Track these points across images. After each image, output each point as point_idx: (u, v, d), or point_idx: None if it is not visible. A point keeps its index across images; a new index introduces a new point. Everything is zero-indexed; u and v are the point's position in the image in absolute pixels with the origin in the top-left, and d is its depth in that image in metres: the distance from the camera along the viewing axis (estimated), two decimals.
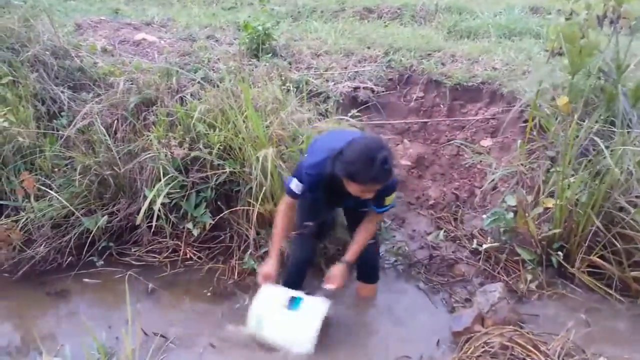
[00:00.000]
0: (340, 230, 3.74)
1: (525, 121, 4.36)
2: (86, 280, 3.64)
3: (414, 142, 4.90)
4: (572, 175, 3.70)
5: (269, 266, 3.16)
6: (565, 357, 2.95)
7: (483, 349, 2.97)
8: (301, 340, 2.98)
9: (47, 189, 3.72)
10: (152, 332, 3.17)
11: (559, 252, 3.66)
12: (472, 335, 3.13)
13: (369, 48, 5.43)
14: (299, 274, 3.36)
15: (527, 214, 3.75)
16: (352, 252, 3.20)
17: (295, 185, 3.03)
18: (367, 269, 3.52)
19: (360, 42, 5.60)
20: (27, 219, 3.63)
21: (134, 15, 6.26)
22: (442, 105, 5.03)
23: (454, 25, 6.56)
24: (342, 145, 2.77)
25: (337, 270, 3.18)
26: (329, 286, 3.15)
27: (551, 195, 3.78)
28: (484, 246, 3.85)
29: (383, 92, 4.93)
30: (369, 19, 6.94)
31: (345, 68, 4.98)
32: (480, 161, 4.63)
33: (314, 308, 3.05)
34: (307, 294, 3.16)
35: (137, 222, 3.62)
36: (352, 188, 2.77)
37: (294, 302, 3.07)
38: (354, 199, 2.89)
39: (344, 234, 3.70)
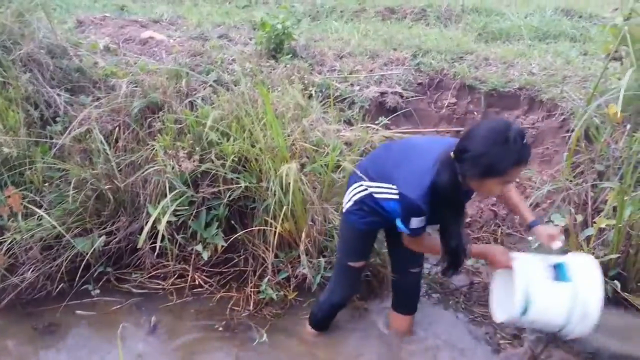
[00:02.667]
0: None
1: (568, 131, 3.94)
2: (79, 312, 3.21)
3: None
4: (630, 193, 3.28)
5: (499, 248, 2.65)
6: None
7: None
8: (591, 312, 2.40)
9: (37, 206, 3.30)
10: None
11: (615, 281, 3.22)
12: None
13: (395, 50, 5.04)
14: (331, 318, 3.03)
15: (578, 237, 3.32)
16: (528, 212, 2.74)
17: (417, 222, 2.45)
18: (406, 297, 3.10)
19: (386, 43, 5.23)
20: (12, 240, 3.19)
21: (141, 12, 5.90)
22: (476, 113, 4.64)
23: (483, 27, 6.21)
24: (437, 155, 2.35)
25: (548, 229, 2.67)
26: (556, 245, 2.60)
27: (598, 212, 3.42)
28: None
29: (412, 97, 4.52)
30: (391, 20, 6.60)
31: (371, 71, 4.58)
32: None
33: (586, 269, 2.49)
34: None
35: (140, 245, 3.18)
36: (490, 187, 2.27)
37: (559, 269, 2.51)
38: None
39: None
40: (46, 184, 3.41)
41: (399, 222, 2.49)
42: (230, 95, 3.58)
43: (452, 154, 2.26)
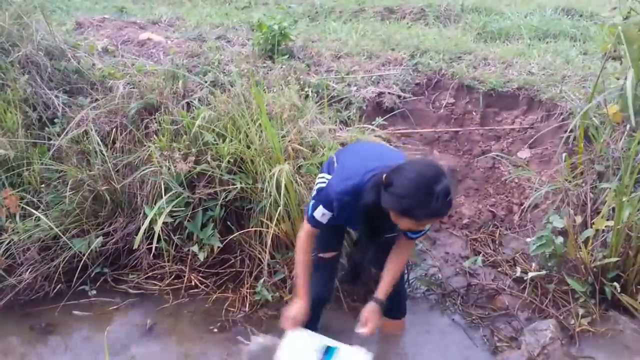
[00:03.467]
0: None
1: (567, 131, 3.92)
2: (76, 312, 3.21)
3: (444, 153, 4.47)
4: (629, 194, 3.26)
5: (297, 308, 2.66)
6: None
7: None
8: None
9: (34, 207, 3.31)
10: None
11: (615, 283, 3.21)
12: None
13: (393, 50, 5.02)
14: (311, 316, 2.93)
15: (577, 238, 3.31)
16: (383, 287, 2.70)
17: (321, 213, 2.52)
18: (392, 303, 2.98)
19: (384, 43, 5.20)
20: (10, 241, 3.20)
21: (140, 13, 5.89)
22: (474, 113, 4.62)
23: (483, 27, 6.20)
24: (378, 166, 2.33)
25: (370, 312, 2.64)
26: (362, 331, 2.61)
27: (598, 214, 3.37)
28: (530, 274, 3.38)
29: (410, 97, 4.50)
30: (390, 20, 6.58)
31: (369, 71, 4.56)
32: (519, 175, 4.18)
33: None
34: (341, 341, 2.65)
35: (135, 245, 3.18)
36: (403, 223, 2.29)
37: (327, 354, 2.56)
38: (394, 227, 2.43)
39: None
40: (44, 185, 3.42)
41: (310, 204, 2.58)
42: (226, 96, 3.57)
43: (384, 177, 2.26)
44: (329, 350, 2.56)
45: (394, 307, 3.02)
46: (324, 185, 2.59)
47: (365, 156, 2.58)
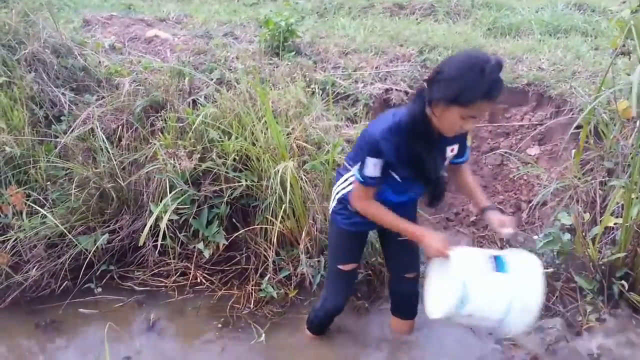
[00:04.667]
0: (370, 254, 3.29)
1: (577, 127, 3.88)
2: (81, 310, 3.22)
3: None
4: (637, 191, 3.22)
5: (435, 236, 2.38)
6: None
7: None
8: (531, 306, 2.27)
9: (40, 204, 3.33)
10: None
11: (622, 281, 3.18)
12: None
13: (401, 46, 4.98)
14: (327, 324, 2.95)
15: (585, 236, 3.27)
16: (482, 196, 2.58)
17: (372, 165, 2.30)
18: (403, 304, 3.00)
19: (392, 39, 5.15)
20: (17, 238, 3.22)
21: (148, 11, 5.89)
22: None
23: (493, 22, 6.12)
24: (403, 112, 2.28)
25: (497, 214, 2.48)
26: (507, 231, 2.42)
27: (611, 213, 3.30)
28: None
29: None
30: (399, 16, 6.52)
31: (376, 68, 4.53)
32: (528, 172, 4.14)
33: (526, 263, 2.35)
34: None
35: (141, 243, 3.19)
36: (451, 116, 2.12)
37: (498, 263, 2.33)
38: (445, 152, 2.37)
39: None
40: (50, 183, 3.43)
41: (355, 171, 2.39)
42: (231, 93, 3.57)
43: (426, 80, 2.18)
44: (497, 259, 2.35)
45: (405, 307, 3.00)
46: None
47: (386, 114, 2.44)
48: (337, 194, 2.61)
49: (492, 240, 3.86)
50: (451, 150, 2.43)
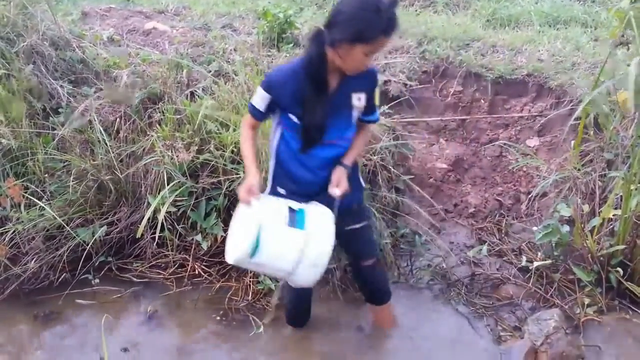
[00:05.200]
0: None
1: (577, 119, 3.87)
2: (79, 301, 3.22)
3: (451, 141, 4.42)
4: (637, 182, 3.22)
5: (251, 178, 2.47)
6: None
7: None
8: (319, 263, 2.41)
9: (38, 197, 3.33)
10: None
11: (619, 269, 3.19)
12: None
13: (400, 37, 4.94)
14: (302, 311, 2.97)
15: (584, 227, 3.27)
16: (351, 155, 2.61)
17: (259, 98, 2.45)
18: (370, 288, 2.97)
19: None
20: (15, 230, 3.23)
21: (146, 3, 5.86)
22: (482, 101, 4.55)
23: (492, 13, 6.08)
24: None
25: (340, 173, 2.53)
26: (335, 191, 2.49)
27: (606, 202, 3.31)
28: (535, 264, 3.35)
29: (416, 86, 4.44)
30: (399, 7, 6.44)
31: (374, 60, 4.50)
32: (527, 164, 4.14)
33: (321, 219, 2.47)
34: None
35: (138, 235, 3.20)
36: (355, 55, 2.23)
37: (297, 218, 2.45)
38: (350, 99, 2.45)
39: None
40: (47, 175, 3.44)
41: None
42: (229, 85, 3.56)
43: (323, 24, 2.28)
44: (298, 212, 2.47)
45: (374, 292, 2.98)
46: None
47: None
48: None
49: (490, 232, 3.86)
50: (358, 99, 2.48)
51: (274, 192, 2.66)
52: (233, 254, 2.45)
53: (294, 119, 2.45)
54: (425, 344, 3.05)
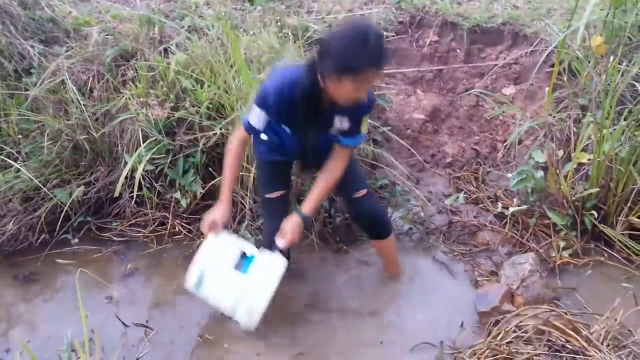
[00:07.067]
0: None
1: (552, 66, 3.87)
2: (59, 260, 3.23)
3: (428, 92, 4.41)
4: (610, 127, 3.28)
5: (218, 211, 2.65)
6: (612, 342, 2.57)
7: (515, 334, 2.58)
8: (254, 312, 2.56)
9: (14, 158, 3.30)
10: (132, 323, 2.80)
11: (593, 212, 3.26)
12: (502, 316, 2.75)
13: None
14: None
15: (558, 172, 3.32)
16: (311, 201, 2.66)
17: (256, 116, 2.50)
18: (368, 221, 2.98)
19: None
20: None
21: None
22: (458, 50, 4.53)
23: None
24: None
25: (289, 224, 2.63)
26: (280, 242, 2.63)
27: (584, 149, 3.37)
28: (510, 210, 3.40)
29: (393, 37, 4.41)
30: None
31: (350, 11, 4.45)
32: (503, 112, 4.16)
33: (268, 269, 2.59)
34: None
35: (116, 193, 3.20)
36: (345, 88, 2.24)
37: (244, 261, 2.62)
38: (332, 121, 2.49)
39: None
40: (22, 136, 3.39)
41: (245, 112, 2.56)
42: (203, 41, 3.51)
43: (315, 51, 2.29)
44: (248, 258, 2.63)
45: (373, 225, 3.00)
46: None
47: (290, 68, 2.58)
48: None
49: (467, 180, 3.90)
50: (340, 122, 2.51)
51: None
52: (186, 282, 2.65)
53: (287, 129, 2.57)
54: (404, 289, 3.13)
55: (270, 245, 2.71)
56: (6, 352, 2.66)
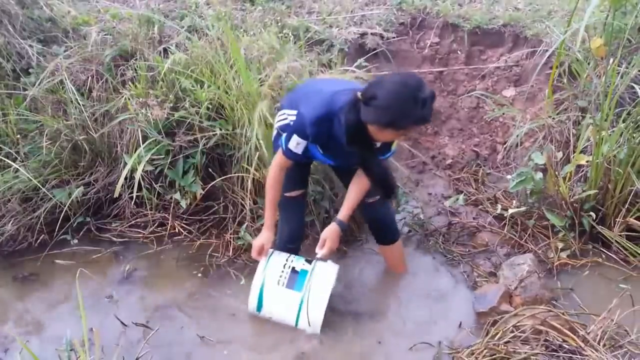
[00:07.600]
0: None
1: (551, 67, 3.87)
2: (58, 261, 3.22)
3: None
4: (609, 129, 3.28)
5: (263, 238, 2.80)
6: (608, 342, 2.57)
7: (512, 334, 2.59)
8: (314, 322, 2.71)
9: (12, 158, 3.29)
10: (132, 322, 2.79)
11: (591, 213, 3.25)
12: (500, 316, 2.76)
13: None
14: (290, 250, 2.98)
15: (557, 173, 3.32)
16: (346, 209, 2.77)
17: (295, 143, 2.55)
18: (378, 226, 3.08)
19: None
20: None
21: None
22: (459, 52, 4.52)
23: None
24: (345, 88, 2.43)
25: (329, 233, 2.75)
26: (320, 252, 2.75)
27: (583, 151, 3.37)
28: (510, 211, 3.41)
29: (394, 38, 4.40)
30: None
31: (351, 12, 4.45)
32: (503, 114, 4.16)
33: (321, 280, 2.72)
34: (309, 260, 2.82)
35: (116, 194, 3.19)
36: (385, 135, 2.34)
37: (297, 277, 2.74)
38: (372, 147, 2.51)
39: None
40: (21, 137, 3.38)
41: (282, 140, 2.60)
42: (203, 41, 3.50)
43: (359, 94, 2.28)
44: (300, 273, 2.74)
45: (382, 230, 3.09)
46: (286, 121, 2.63)
47: (327, 84, 2.65)
48: (276, 124, 2.78)
49: (467, 182, 3.90)
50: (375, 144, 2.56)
51: None
52: (248, 306, 2.81)
53: (320, 150, 2.66)
54: (403, 289, 3.14)
55: (285, 247, 2.88)
56: (5, 352, 2.66)
